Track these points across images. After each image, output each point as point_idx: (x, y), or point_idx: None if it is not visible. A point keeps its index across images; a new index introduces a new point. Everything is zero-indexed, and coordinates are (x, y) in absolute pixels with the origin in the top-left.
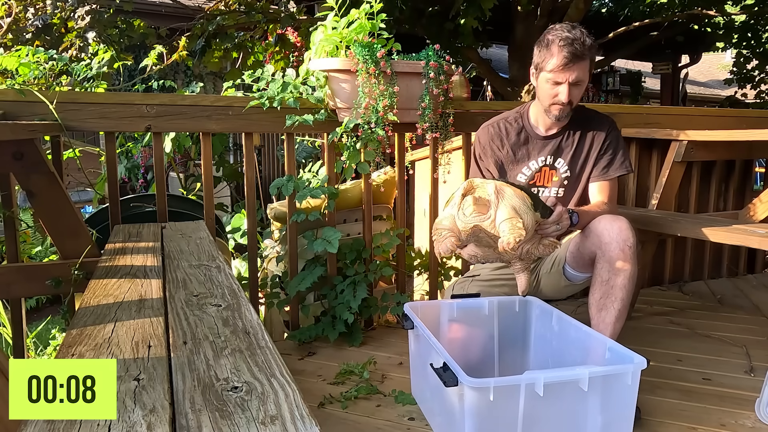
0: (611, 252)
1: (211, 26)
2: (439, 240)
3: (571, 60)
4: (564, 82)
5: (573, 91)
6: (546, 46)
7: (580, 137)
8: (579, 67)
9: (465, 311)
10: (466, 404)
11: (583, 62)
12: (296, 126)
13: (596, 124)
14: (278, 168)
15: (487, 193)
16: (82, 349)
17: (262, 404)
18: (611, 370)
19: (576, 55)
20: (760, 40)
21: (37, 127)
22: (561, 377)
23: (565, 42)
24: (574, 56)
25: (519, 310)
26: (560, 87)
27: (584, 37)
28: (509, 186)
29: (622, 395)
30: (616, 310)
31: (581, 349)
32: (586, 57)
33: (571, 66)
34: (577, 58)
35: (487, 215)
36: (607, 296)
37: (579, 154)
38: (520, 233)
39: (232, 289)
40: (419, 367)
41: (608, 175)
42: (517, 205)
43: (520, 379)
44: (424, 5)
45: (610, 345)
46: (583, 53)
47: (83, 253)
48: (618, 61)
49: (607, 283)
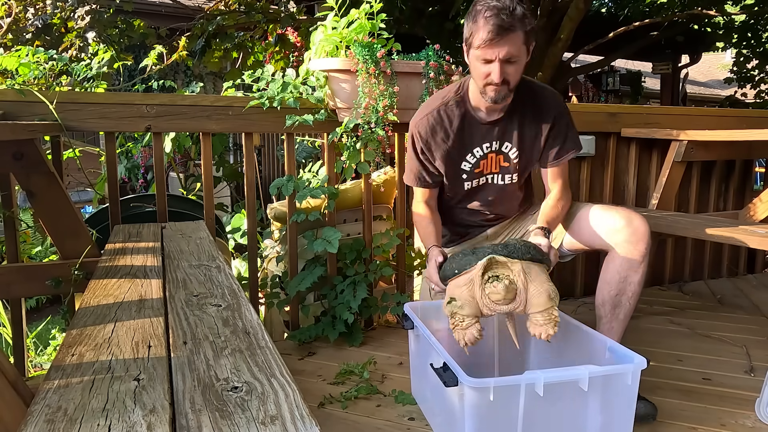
0: (634, 250)
1: (211, 26)
2: (461, 329)
3: (498, 33)
4: (495, 60)
5: (507, 69)
6: (473, 18)
7: (526, 117)
8: (509, 41)
9: None
10: (466, 404)
11: (513, 35)
12: (296, 126)
13: (542, 101)
14: (278, 168)
15: (512, 273)
16: (82, 349)
17: (262, 404)
18: (611, 370)
19: (503, 27)
20: (760, 40)
21: (37, 127)
22: (561, 377)
23: (491, 12)
24: (501, 29)
25: None
26: (491, 65)
27: (513, 5)
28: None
29: (622, 395)
30: (631, 306)
31: (581, 349)
32: (516, 29)
33: (498, 40)
34: (505, 30)
35: (517, 302)
36: (623, 293)
37: (528, 135)
38: (557, 321)
39: (232, 289)
40: (419, 367)
41: (561, 159)
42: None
43: (520, 379)
44: (424, 5)
45: (610, 345)
46: (512, 24)
47: (83, 253)
48: (618, 61)
49: (625, 280)
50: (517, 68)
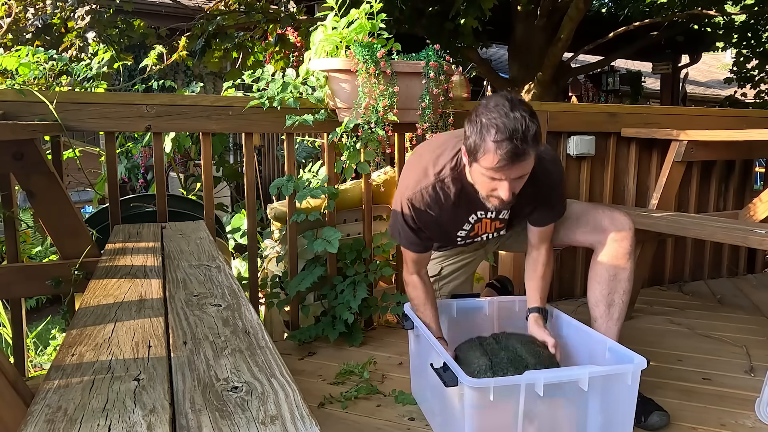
0: (620, 248)
1: (211, 26)
2: None
3: (512, 160)
4: (505, 179)
5: (515, 185)
6: (479, 133)
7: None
8: (521, 166)
9: (465, 311)
10: (466, 404)
11: (527, 158)
12: (296, 126)
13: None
14: (278, 168)
15: None
16: (82, 349)
17: (262, 404)
18: (611, 370)
19: (517, 155)
20: (760, 40)
21: (37, 127)
22: (561, 377)
23: (502, 136)
24: (515, 156)
25: (518, 310)
26: (500, 183)
27: (526, 125)
28: None
29: (623, 395)
30: (624, 303)
31: (581, 349)
32: (530, 153)
33: (511, 166)
34: (518, 157)
35: None
36: (615, 291)
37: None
38: None
39: (232, 289)
40: (419, 367)
41: (549, 222)
42: None
43: (520, 379)
44: (424, 5)
45: (610, 345)
46: (525, 151)
47: (83, 253)
48: (618, 61)
49: (614, 278)
50: (523, 181)
